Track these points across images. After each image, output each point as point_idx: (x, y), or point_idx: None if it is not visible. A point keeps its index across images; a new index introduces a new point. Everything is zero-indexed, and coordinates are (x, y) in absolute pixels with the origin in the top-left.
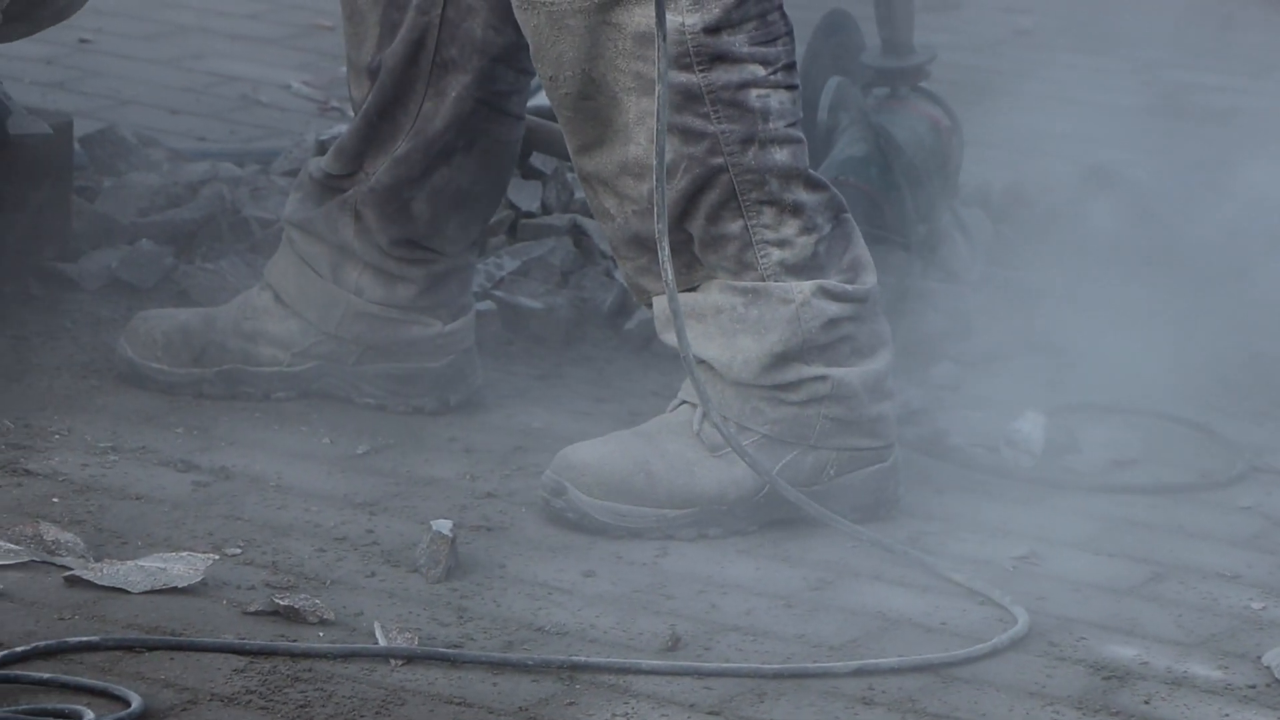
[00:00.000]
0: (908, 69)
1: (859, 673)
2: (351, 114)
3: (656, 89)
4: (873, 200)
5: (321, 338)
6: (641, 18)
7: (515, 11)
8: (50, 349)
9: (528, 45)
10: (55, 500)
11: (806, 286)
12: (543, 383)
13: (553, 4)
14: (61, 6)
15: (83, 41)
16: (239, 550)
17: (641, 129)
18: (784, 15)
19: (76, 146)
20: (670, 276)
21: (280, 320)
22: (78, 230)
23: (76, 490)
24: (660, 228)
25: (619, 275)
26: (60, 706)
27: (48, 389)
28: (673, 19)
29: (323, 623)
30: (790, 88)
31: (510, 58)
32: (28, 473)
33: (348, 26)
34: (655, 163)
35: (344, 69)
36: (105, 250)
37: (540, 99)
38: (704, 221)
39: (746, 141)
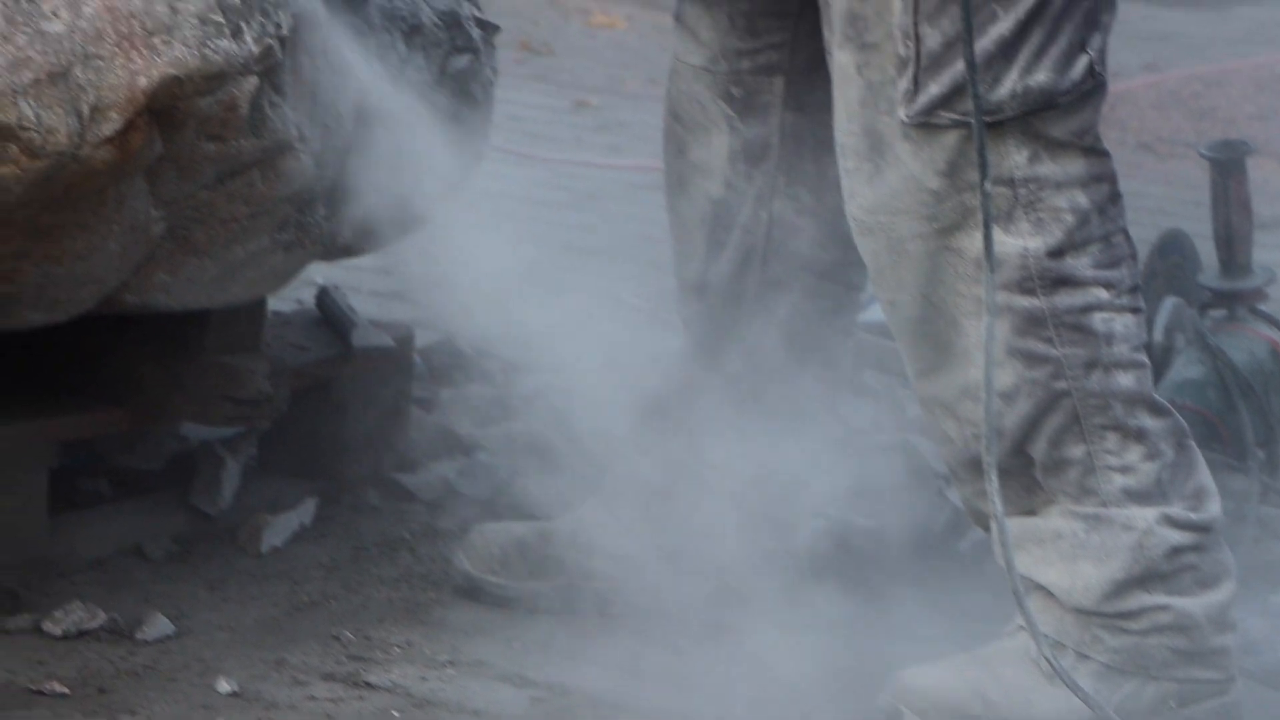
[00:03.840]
0: (1246, 290)
1: None
2: (682, 330)
3: (985, 320)
4: (1210, 424)
5: (658, 552)
6: (983, 242)
7: (854, 236)
8: (389, 560)
9: (855, 261)
10: (395, 714)
11: (1150, 514)
12: (875, 604)
13: (892, 229)
14: (404, 224)
15: (420, 252)
16: None
17: (983, 353)
18: (1128, 237)
19: (416, 358)
20: (1000, 508)
21: (616, 535)
22: (416, 441)
23: (415, 704)
24: (989, 460)
25: (954, 496)
26: None
27: (387, 601)
28: (1014, 243)
29: None
30: (1135, 311)
31: (838, 274)
32: (369, 685)
33: (675, 243)
34: (985, 396)
35: (674, 281)
36: (443, 461)
37: (872, 314)
38: (1046, 446)
39: (1090, 366)
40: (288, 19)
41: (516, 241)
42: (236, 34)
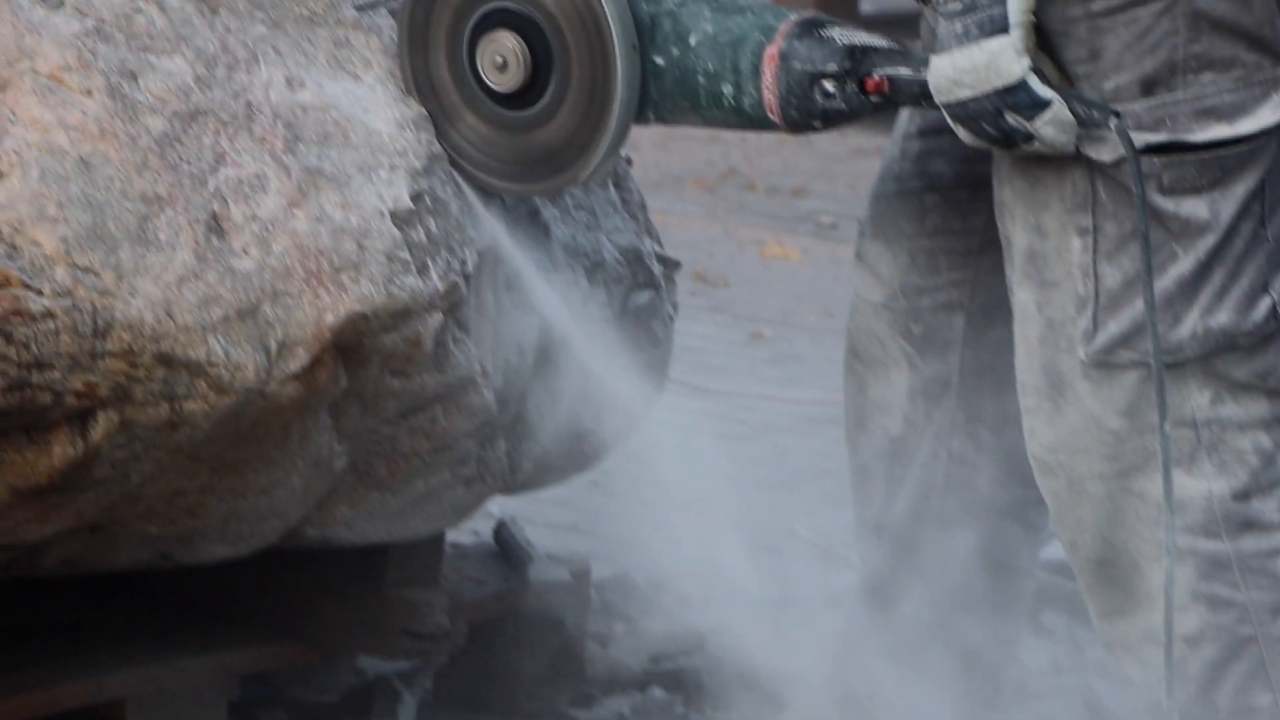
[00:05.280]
0: None
1: None
2: (859, 567)
3: (1167, 564)
4: None
5: None
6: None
7: (1035, 475)
8: None
9: (1035, 500)
10: None
11: None
12: None
13: (1072, 468)
14: (584, 458)
15: (595, 484)
16: None
17: (1166, 597)
18: None
19: (591, 592)
20: None
21: None
22: (590, 675)
23: None
24: (1172, 705)
25: None
26: None
27: None
28: (1197, 486)
29: None
30: None
31: (1018, 513)
32: None
33: (854, 481)
34: (1167, 640)
35: (849, 517)
36: (617, 697)
37: (1052, 552)
38: (1231, 693)
39: (1277, 611)
40: (473, 255)
41: (691, 475)
42: (422, 270)
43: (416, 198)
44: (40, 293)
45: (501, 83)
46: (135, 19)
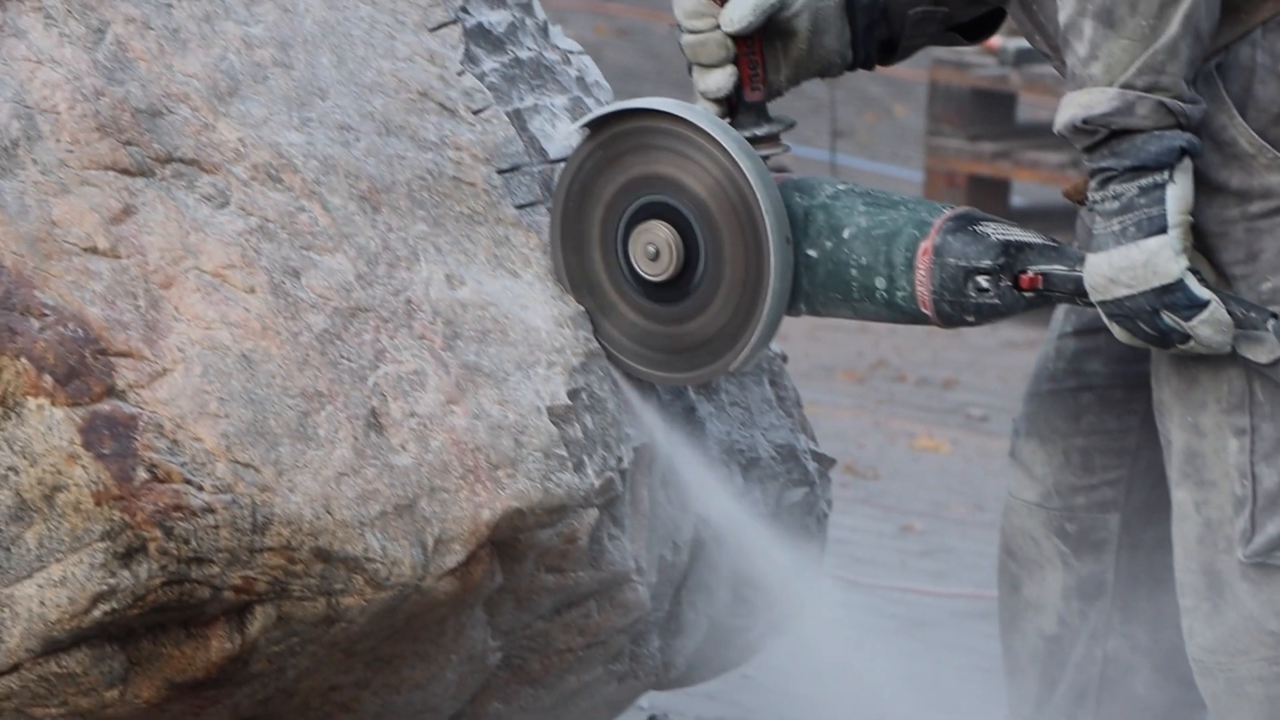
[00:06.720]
0: None
1: None
2: None
3: None
4: None
5: None
6: None
7: (1195, 676)
8: None
9: (1194, 702)
10: None
11: None
12: None
13: (1232, 670)
14: (737, 655)
15: (746, 677)
16: None
17: None
18: None
19: None
20: None
21: None
22: None
23: None
24: None
25: None
26: None
27: None
28: None
29: None
30: None
31: (1176, 715)
32: None
33: (1008, 681)
34: None
35: (1003, 715)
36: None
37: None
38: None
39: None
40: (629, 452)
41: (842, 670)
42: (579, 467)
43: (574, 394)
44: (201, 488)
45: (654, 272)
46: (298, 217)
